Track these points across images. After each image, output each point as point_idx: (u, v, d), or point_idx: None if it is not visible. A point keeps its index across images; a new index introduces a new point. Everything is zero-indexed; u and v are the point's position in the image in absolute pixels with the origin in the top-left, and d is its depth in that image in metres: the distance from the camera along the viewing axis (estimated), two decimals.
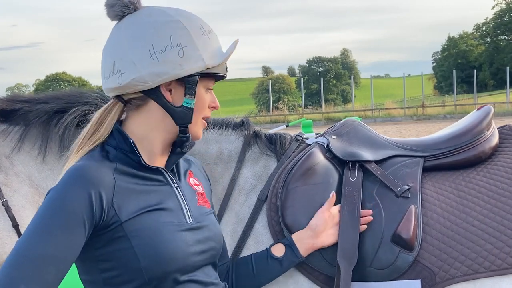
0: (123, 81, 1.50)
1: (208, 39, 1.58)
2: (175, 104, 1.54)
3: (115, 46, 1.54)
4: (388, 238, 1.96)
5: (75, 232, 1.39)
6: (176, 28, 1.52)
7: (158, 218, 1.51)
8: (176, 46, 1.50)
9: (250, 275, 1.87)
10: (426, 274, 1.93)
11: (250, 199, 2.15)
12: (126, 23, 1.54)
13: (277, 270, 1.88)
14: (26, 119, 2.10)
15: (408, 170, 2.16)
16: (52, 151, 2.12)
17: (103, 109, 1.59)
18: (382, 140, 2.30)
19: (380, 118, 32.17)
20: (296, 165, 2.11)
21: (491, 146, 2.28)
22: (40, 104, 2.12)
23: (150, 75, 1.49)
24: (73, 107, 2.10)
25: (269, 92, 39.36)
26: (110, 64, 1.53)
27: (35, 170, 2.12)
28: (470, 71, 53.33)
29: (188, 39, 1.52)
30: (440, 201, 2.08)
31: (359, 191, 2.06)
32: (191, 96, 1.54)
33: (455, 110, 32.35)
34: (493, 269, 1.93)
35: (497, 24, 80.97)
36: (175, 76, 1.51)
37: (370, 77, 42.55)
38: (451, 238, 1.97)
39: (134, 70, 1.49)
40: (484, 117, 2.33)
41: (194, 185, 1.74)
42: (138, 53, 1.49)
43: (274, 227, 2.05)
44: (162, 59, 1.49)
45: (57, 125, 2.10)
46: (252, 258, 1.91)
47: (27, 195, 2.10)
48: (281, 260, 1.89)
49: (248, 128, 2.30)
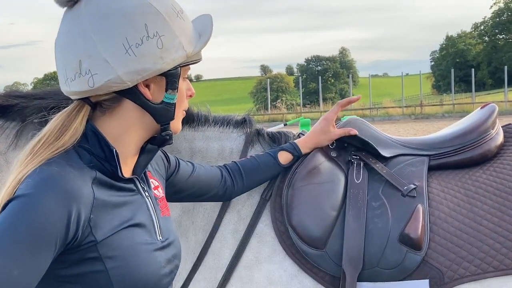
0: (95, 83, 1.26)
1: (183, 20, 1.37)
2: (155, 101, 1.35)
3: (78, 41, 1.27)
4: (395, 238, 1.94)
5: (45, 253, 1.15)
6: (149, 13, 1.29)
7: (133, 237, 1.32)
8: (153, 36, 1.28)
9: (257, 173, 2.03)
10: (434, 274, 1.91)
11: (252, 198, 2.13)
12: (85, 10, 1.27)
13: (279, 171, 2.09)
14: (23, 115, 2.02)
15: (414, 169, 2.14)
16: None
17: (67, 114, 1.35)
18: (386, 138, 2.28)
19: (378, 117, 32.16)
20: (301, 164, 2.09)
21: (496, 145, 2.26)
22: (37, 100, 2.04)
23: (128, 74, 1.27)
24: (71, 103, 2.05)
25: (268, 91, 39.36)
26: (75, 64, 1.27)
27: None
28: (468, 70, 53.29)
29: (164, 25, 1.31)
30: (447, 200, 2.06)
31: (364, 194, 2.04)
32: (173, 90, 1.37)
33: (453, 109, 32.36)
34: (502, 269, 1.91)
35: (495, 23, 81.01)
36: (157, 72, 1.31)
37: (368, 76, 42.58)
38: (459, 238, 1.95)
39: (108, 70, 1.25)
40: (489, 115, 2.31)
41: (154, 189, 1.53)
42: (110, 49, 1.25)
43: (278, 227, 2.03)
44: (140, 54, 1.27)
45: None
46: (259, 163, 2.03)
47: None
48: (286, 167, 2.09)
49: (250, 126, 2.27)
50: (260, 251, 2.03)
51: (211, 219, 2.10)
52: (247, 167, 2.02)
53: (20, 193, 1.18)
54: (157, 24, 1.30)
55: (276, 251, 2.01)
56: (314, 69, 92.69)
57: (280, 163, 2.07)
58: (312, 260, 1.95)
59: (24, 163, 1.27)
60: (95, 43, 1.25)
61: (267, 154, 2.08)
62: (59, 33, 1.33)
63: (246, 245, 2.04)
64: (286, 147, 2.11)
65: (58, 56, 1.33)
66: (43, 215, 1.14)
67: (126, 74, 1.27)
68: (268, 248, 2.03)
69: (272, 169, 2.06)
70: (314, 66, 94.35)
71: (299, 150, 2.11)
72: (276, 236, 2.03)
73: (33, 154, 1.28)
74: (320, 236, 1.96)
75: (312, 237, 1.96)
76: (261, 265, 2.01)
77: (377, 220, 1.98)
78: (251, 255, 2.03)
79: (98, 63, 1.26)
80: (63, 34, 1.31)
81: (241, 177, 2.00)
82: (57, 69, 1.35)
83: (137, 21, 1.27)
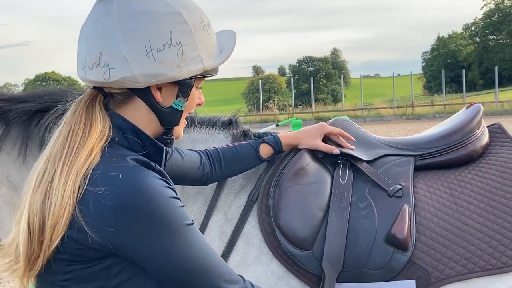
0: (111, 77, 1.30)
1: (207, 34, 1.41)
2: (163, 105, 1.38)
3: (103, 34, 1.30)
4: (381, 238, 1.95)
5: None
6: (177, 22, 1.33)
7: None
8: (175, 45, 1.32)
9: (237, 163, 2.06)
10: (421, 274, 1.91)
11: (239, 200, 2.13)
12: (117, 5, 1.31)
13: (258, 164, 2.13)
14: (6, 119, 2.00)
15: (400, 169, 2.15)
16: (32, 152, 2.04)
17: (84, 102, 1.36)
18: (373, 139, 2.29)
19: (370, 117, 32.21)
20: (288, 165, 2.10)
21: (482, 145, 2.27)
22: (20, 103, 2.03)
23: (143, 76, 1.30)
24: (54, 106, 1.99)
25: (260, 92, 39.33)
26: (95, 54, 1.31)
27: (14, 171, 2.03)
28: (459, 70, 53.57)
29: (189, 36, 1.34)
30: (433, 200, 2.07)
31: (349, 194, 2.04)
32: (184, 99, 1.40)
33: (444, 110, 32.44)
34: (488, 268, 1.92)
35: (486, 24, 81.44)
36: (171, 79, 1.34)
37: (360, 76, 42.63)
38: (445, 238, 1.96)
39: (125, 67, 1.29)
40: (474, 115, 2.33)
41: None
42: (132, 48, 1.28)
43: (265, 228, 2.03)
44: (159, 59, 1.30)
45: (38, 125, 2.02)
46: (240, 154, 2.06)
47: (4, 196, 2.01)
48: (266, 161, 2.13)
49: (236, 127, 2.27)
50: (247, 252, 2.03)
51: (198, 220, 2.10)
52: (228, 157, 2.05)
53: (130, 210, 1.20)
54: (182, 34, 1.34)
55: (263, 252, 2.01)
56: (306, 69, 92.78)
57: (261, 156, 2.09)
58: (299, 261, 1.95)
59: (72, 160, 1.26)
60: (118, 40, 1.29)
61: (249, 145, 2.10)
62: (88, 20, 1.36)
63: (233, 247, 2.04)
64: (268, 140, 2.13)
65: (82, 42, 1.36)
66: (183, 212, 1.27)
67: (141, 75, 1.30)
68: (255, 250, 2.03)
69: (252, 161, 2.09)
70: (306, 67, 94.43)
71: (280, 145, 2.14)
72: (263, 237, 2.02)
73: (75, 149, 1.27)
74: (307, 237, 1.96)
75: (299, 238, 1.96)
76: (248, 267, 2.00)
77: (364, 221, 1.99)
78: (238, 256, 2.02)
79: (118, 59, 1.29)
80: (90, 23, 1.34)
81: (221, 166, 2.03)
82: (77, 53, 1.38)
83: (164, 28, 1.31)
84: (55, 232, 1.21)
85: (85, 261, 1.23)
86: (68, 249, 1.22)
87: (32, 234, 1.24)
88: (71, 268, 1.24)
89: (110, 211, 1.20)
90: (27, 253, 1.25)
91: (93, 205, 1.20)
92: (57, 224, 1.21)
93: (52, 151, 1.30)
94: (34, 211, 1.24)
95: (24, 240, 1.24)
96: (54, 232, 1.21)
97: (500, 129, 2.37)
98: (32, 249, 1.24)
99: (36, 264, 1.24)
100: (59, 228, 1.21)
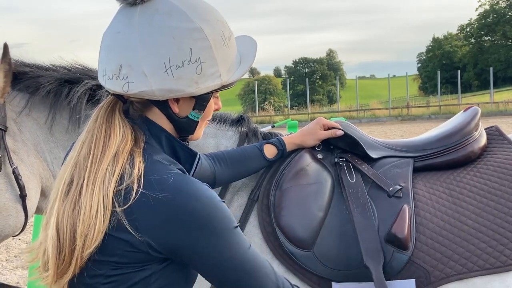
0: (129, 90, 1.31)
1: (228, 48, 1.40)
2: (180, 115, 1.40)
3: (124, 47, 1.31)
4: (382, 238, 1.97)
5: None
6: (198, 39, 1.32)
7: None
8: (194, 62, 1.31)
9: (243, 164, 2.08)
10: (421, 273, 1.93)
11: (241, 198, 2.15)
12: (139, 19, 1.30)
13: (264, 165, 2.15)
14: (36, 84, 1.96)
15: (399, 171, 2.17)
16: (59, 122, 2.00)
17: (104, 110, 1.38)
18: (371, 141, 2.31)
19: (365, 118, 32.30)
20: (288, 166, 2.12)
21: (479, 146, 2.30)
22: (49, 71, 1.99)
23: (161, 91, 1.31)
24: (85, 79, 1.97)
25: (255, 93, 39.36)
26: (115, 66, 1.32)
27: (42, 139, 1.98)
28: (454, 71, 53.64)
29: (208, 52, 1.34)
30: (432, 200, 2.09)
31: (363, 191, 2.07)
32: (200, 111, 1.42)
33: (440, 111, 32.58)
34: (487, 268, 1.95)
35: (481, 25, 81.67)
36: (188, 94, 1.35)
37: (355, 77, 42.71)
38: (445, 237, 1.98)
39: (144, 82, 1.30)
40: (472, 118, 2.36)
41: None
42: (152, 64, 1.29)
43: (266, 228, 2.05)
44: (178, 75, 1.30)
45: (69, 95, 1.97)
46: (245, 154, 2.08)
47: (33, 166, 1.95)
48: (271, 161, 2.14)
49: (246, 124, 2.30)
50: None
51: None
52: (232, 156, 2.07)
53: (199, 219, 1.25)
54: (202, 50, 1.33)
55: (264, 252, 2.02)
56: (301, 71, 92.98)
57: (266, 156, 2.11)
58: (299, 261, 1.97)
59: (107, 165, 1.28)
60: (139, 55, 1.29)
61: (253, 146, 2.13)
62: (110, 28, 1.36)
63: None
64: (271, 141, 2.17)
65: (103, 51, 1.37)
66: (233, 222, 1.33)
67: (159, 90, 1.31)
68: (256, 249, 2.04)
69: (257, 161, 2.11)
70: (301, 68, 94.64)
71: (284, 145, 2.16)
72: (263, 237, 2.04)
73: (101, 158, 1.30)
74: (307, 237, 1.98)
75: (299, 238, 1.98)
76: None
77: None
78: None
79: (137, 73, 1.29)
80: (112, 33, 1.35)
81: (226, 164, 2.04)
82: (98, 59, 1.39)
83: (184, 45, 1.30)
84: (87, 240, 1.23)
85: (131, 266, 1.26)
86: (118, 251, 1.25)
87: (61, 241, 1.26)
88: (115, 272, 1.27)
89: (165, 214, 1.24)
90: (56, 259, 1.26)
91: (145, 209, 1.24)
92: (89, 233, 1.23)
93: (78, 159, 1.33)
94: (63, 219, 1.26)
95: (53, 246, 1.26)
96: (87, 240, 1.23)
97: (498, 131, 2.41)
98: (62, 256, 1.26)
99: (67, 272, 1.26)
100: (91, 237, 1.23)
